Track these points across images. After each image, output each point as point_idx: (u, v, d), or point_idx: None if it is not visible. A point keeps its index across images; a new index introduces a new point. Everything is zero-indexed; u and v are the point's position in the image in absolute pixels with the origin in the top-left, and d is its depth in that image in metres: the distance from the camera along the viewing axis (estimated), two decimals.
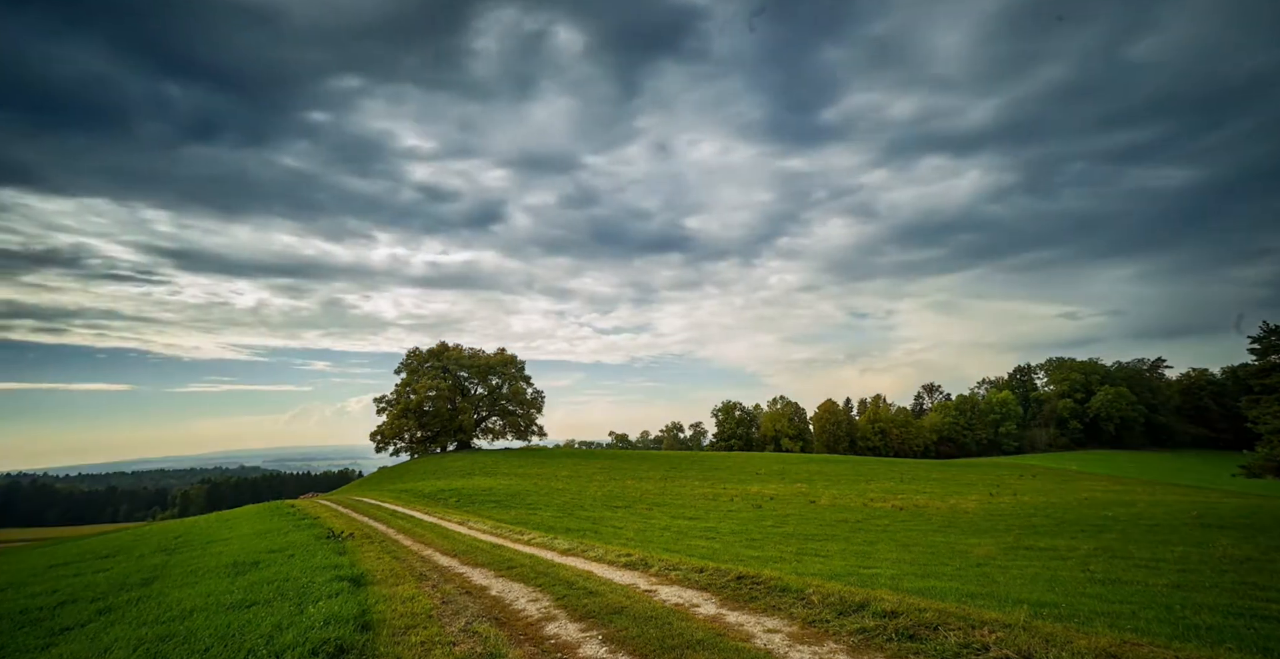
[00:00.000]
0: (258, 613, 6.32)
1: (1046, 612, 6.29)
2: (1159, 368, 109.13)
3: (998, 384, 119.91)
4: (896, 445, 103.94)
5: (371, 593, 7.06)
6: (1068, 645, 4.09)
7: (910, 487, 36.89)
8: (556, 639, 5.14)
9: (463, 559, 9.52)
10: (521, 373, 74.55)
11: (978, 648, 4.22)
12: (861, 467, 53.34)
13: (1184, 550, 11.68)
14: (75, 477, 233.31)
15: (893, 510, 22.81)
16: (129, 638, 5.95)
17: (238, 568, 9.67)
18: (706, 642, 4.75)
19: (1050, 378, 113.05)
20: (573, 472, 42.45)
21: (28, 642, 6.68)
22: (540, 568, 8.33)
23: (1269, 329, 53.20)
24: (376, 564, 9.15)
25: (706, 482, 38.57)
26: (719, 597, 6.25)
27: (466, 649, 4.91)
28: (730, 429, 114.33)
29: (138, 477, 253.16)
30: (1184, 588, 8.30)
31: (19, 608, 8.70)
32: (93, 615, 7.57)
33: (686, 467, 49.82)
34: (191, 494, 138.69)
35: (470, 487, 29.14)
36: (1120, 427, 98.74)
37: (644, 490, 31.52)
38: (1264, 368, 53.89)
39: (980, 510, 21.98)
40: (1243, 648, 5.09)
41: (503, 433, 73.92)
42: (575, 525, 16.60)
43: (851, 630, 4.84)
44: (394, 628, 5.53)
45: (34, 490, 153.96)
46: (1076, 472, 54.59)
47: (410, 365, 71.29)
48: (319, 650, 4.91)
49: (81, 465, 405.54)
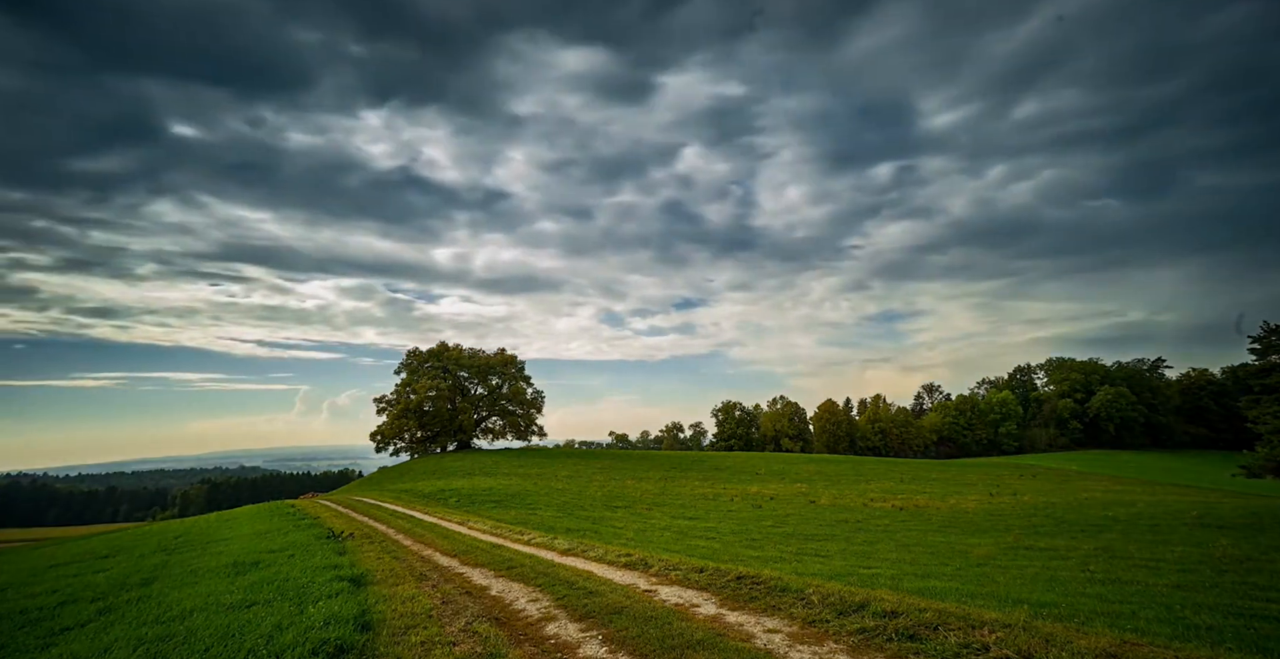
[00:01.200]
0: (258, 613, 6.32)
1: (1046, 612, 6.29)
2: (1159, 368, 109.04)
3: (998, 384, 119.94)
4: (896, 445, 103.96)
5: (371, 593, 7.06)
6: (1068, 645, 4.09)
7: (910, 487, 36.89)
8: (556, 639, 5.14)
9: (463, 559, 9.52)
10: (521, 373, 74.55)
11: (978, 648, 4.21)
12: (861, 467, 53.35)
13: (1184, 550, 11.68)
14: (75, 477, 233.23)
15: (893, 510, 22.81)
16: (129, 638, 5.95)
17: (238, 568, 9.67)
18: (706, 642, 4.75)
19: (1050, 378, 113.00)
20: (573, 472, 42.45)
21: (28, 642, 6.68)
22: (540, 568, 8.33)
23: (1269, 329, 53.21)
24: (376, 564, 9.15)
25: (706, 482, 38.57)
26: (719, 597, 6.25)
27: (466, 649, 4.91)
28: (730, 429, 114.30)
29: (138, 477, 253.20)
30: (1184, 588, 8.30)
31: (19, 608, 8.71)
32: (93, 615, 7.57)
33: (686, 467, 49.82)
34: (191, 494, 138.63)
35: (470, 487, 29.15)
36: (1120, 427, 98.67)
37: (644, 490, 31.52)
38: (1264, 368, 53.86)
39: (980, 510, 21.98)
40: (1243, 648, 5.09)
41: (503, 433, 73.90)
42: (575, 525, 16.61)
43: (852, 630, 4.84)
44: (394, 628, 5.53)
45: (34, 490, 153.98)
46: (1076, 472, 54.59)
47: (410, 365, 71.27)
48: (319, 650, 4.91)
49: (85, 464, 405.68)
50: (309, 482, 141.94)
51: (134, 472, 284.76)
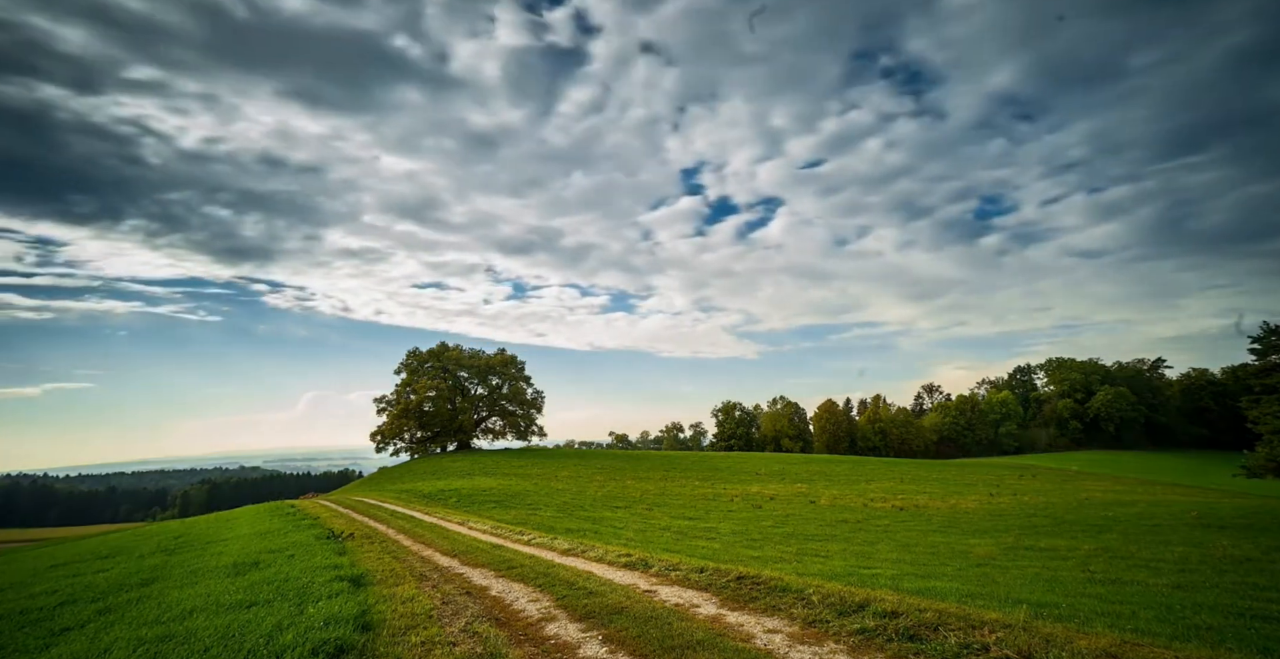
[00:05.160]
0: (258, 613, 6.32)
1: (1047, 612, 6.28)
2: (1159, 368, 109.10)
3: (998, 384, 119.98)
4: (897, 445, 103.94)
5: (372, 593, 7.05)
6: (1068, 646, 4.09)
7: (910, 487, 36.89)
8: (557, 639, 5.14)
9: (463, 559, 9.52)
10: (521, 373, 74.53)
11: (978, 648, 4.21)
12: (861, 467, 53.34)
13: (1184, 551, 11.68)
14: (75, 477, 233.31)
15: (893, 511, 22.81)
16: (129, 638, 5.94)
17: (238, 568, 9.67)
18: (707, 642, 4.75)
19: (1050, 378, 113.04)
20: (573, 472, 42.45)
21: (28, 642, 6.68)
22: (540, 568, 8.33)
23: (1269, 329, 53.23)
24: (377, 564, 9.15)
25: (706, 482, 38.57)
26: (719, 597, 6.25)
27: (467, 649, 4.91)
28: (730, 429, 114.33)
29: (138, 477, 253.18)
30: (1184, 588, 8.30)
31: (19, 608, 8.70)
32: (93, 616, 7.57)
33: (686, 467, 49.80)
34: (191, 494, 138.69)
35: (470, 487, 29.14)
36: (1120, 427, 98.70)
37: (644, 490, 31.52)
38: (1264, 368, 53.92)
39: (980, 510, 21.98)
40: (1243, 648, 5.09)
41: (503, 433, 73.90)
42: (575, 526, 16.61)
43: (852, 631, 4.84)
44: (394, 628, 5.53)
45: (34, 491, 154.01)
46: (1077, 472, 54.59)
47: (410, 365, 71.22)
48: (319, 651, 4.91)
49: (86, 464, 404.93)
50: (309, 482, 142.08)
51: (134, 472, 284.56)
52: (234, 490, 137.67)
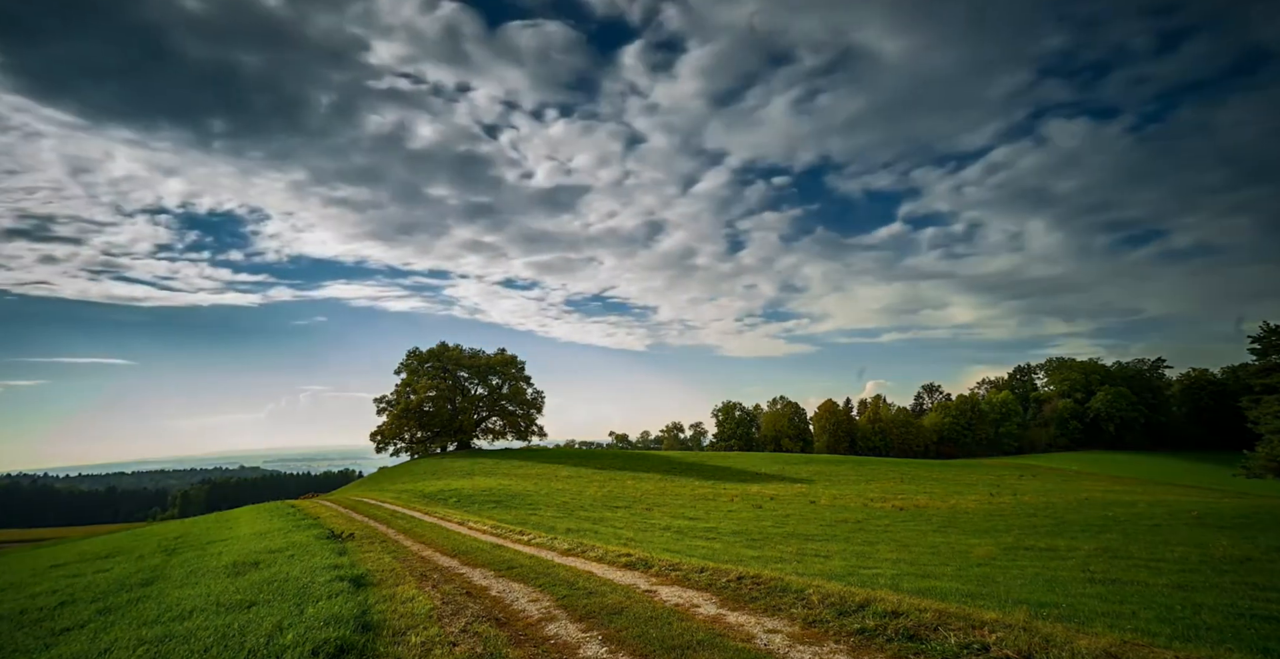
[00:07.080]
0: (258, 613, 6.32)
1: (1047, 612, 6.29)
2: (1159, 368, 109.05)
3: (998, 384, 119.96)
4: (897, 445, 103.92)
5: (372, 593, 7.05)
6: (1068, 646, 4.09)
7: (911, 487, 36.90)
8: (557, 639, 5.14)
9: (463, 559, 9.51)
10: (521, 373, 74.57)
11: (978, 648, 4.21)
12: (862, 467, 53.35)
13: (1184, 550, 11.68)
14: (75, 477, 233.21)
15: (893, 511, 22.81)
16: (129, 638, 5.94)
17: (238, 568, 9.67)
18: (707, 642, 4.75)
19: (1050, 378, 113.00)
20: (573, 472, 42.47)
21: (28, 642, 6.68)
22: (541, 568, 8.33)
23: (1269, 329, 53.23)
24: (377, 564, 9.15)
25: (706, 482, 38.59)
26: (719, 597, 6.25)
27: (467, 649, 4.91)
28: (730, 429, 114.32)
29: (137, 477, 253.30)
30: (1184, 588, 8.30)
31: (19, 608, 8.71)
32: (93, 616, 7.57)
33: (686, 467, 49.82)
34: (191, 494, 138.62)
35: (470, 487, 29.15)
36: (1120, 427, 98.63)
37: (644, 490, 31.52)
38: (1264, 368, 53.87)
39: (980, 510, 21.98)
40: (1243, 648, 5.09)
41: (503, 433, 73.94)
42: (575, 526, 16.61)
43: (852, 631, 4.84)
44: (394, 628, 5.53)
45: (34, 491, 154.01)
46: (1077, 472, 54.61)
47: (410, 366, 71.26)
48: (319, 651, 4.91)
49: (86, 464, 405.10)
50: (309, 482, 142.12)
51: (134, 472, 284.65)
52: (234, 490, 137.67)
